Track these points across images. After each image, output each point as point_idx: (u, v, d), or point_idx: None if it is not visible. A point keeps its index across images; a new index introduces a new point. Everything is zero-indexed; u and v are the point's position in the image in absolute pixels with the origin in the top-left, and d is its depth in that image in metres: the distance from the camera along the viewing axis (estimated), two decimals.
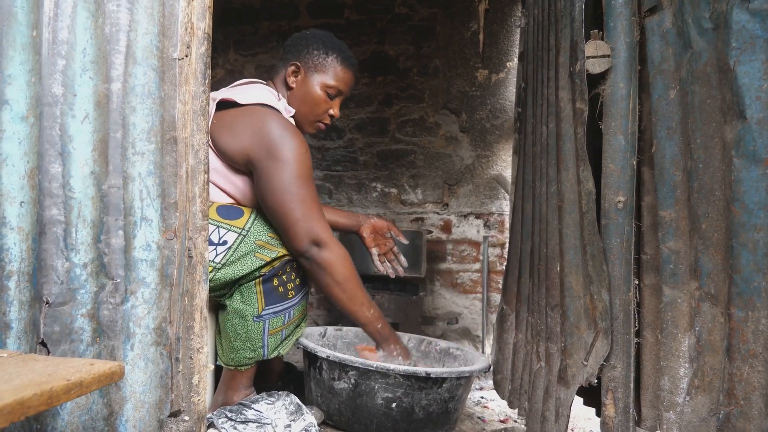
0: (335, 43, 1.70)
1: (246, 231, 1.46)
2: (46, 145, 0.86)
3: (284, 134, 1.46)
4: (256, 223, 1.48)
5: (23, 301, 0.85)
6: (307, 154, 1.49)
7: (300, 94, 1.67)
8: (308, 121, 1.69)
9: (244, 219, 1.48)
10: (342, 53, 1.68)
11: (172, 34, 0.95)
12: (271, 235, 1.48)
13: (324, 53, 1.67)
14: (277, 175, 1.44)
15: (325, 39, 1.69)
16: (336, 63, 1.67)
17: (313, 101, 1.67)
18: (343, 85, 1.68)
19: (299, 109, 1.67)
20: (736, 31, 0.90)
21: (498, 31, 2.83)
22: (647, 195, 1.10)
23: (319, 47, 1.67)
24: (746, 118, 0.88)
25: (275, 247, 1.46)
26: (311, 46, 1.68)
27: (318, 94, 1.66)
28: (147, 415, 0.91)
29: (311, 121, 1.70)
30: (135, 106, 0.91)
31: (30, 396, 0.54)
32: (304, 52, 1.68)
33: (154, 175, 0.92)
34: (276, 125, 1.47)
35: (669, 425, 1.03)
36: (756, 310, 0.88)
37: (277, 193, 1.43)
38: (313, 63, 1.67)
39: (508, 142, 2.80)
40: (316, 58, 1.67)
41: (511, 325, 1.57)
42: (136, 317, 0.90)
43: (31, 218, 0.85)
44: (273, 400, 1.43)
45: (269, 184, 1.44)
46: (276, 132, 1.46)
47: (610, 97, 1.11)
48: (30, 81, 0.86)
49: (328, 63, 1.67)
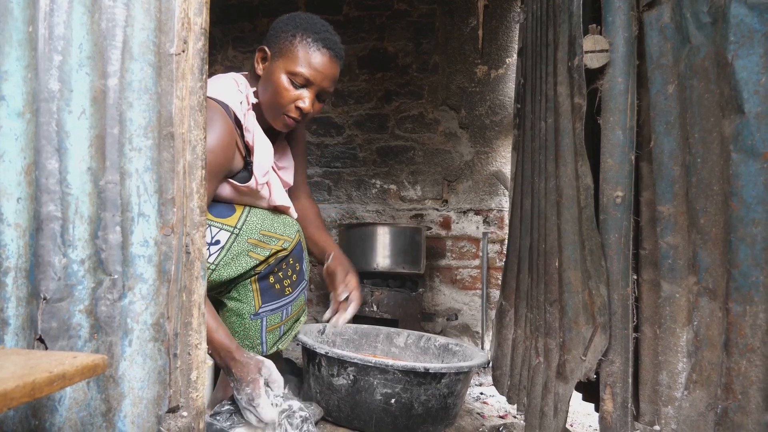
0: (311, 25, 1.44)
1: (238, 229, 1.41)
2: (43, 141, 0.86)
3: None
4: (248, 221, 1.43)
5: (20, 298, 0.85)
6: (212, 154, 1.28)
7: (265, 82, 1.45)
8: (272, 114, 1.46)
9: (235, 216, 1.43)
10: (315, 34, 1.42)
11: (168, 29, 0.94)
12: (263, 233, 1.44)
13: (291, 35, 1.42)
14: None
15: (300, 20, 1.45)
16: (304, 46, 1.40)
17: (275, 89, 1.42)
18: (312, 72, 1.40)
19: (263, 100, 1.47)
20: (734, 25, 0.89)
21: (497, 27, 2.83)
22: (646, 190, 1.10)
23: (289, 28, 1.43)
24: (744, 113, 0.88)
25: (268, 245, 1.44)
26: (281, 29, 1.45)
27: (280, 81, 1.41)
28: (145, 411, 0.91)
29: (275, 115, 1.46)
30: (132, 101, 0.91)
31: (12, 388, 0.55)
32: (274, 35, 1.46)
33: (151, 171, 0.92)
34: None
35: (667, 420, 1.03)
36: (754, 305, 0.88)
37: None
38: (278, 47, 1.43)
39: (507, 138, 2.80)
40: (283, 41, 1.42)
41: (510, 320, 1.57)
42: (134, 313, 0.90)
43: (28, 214, 0.85)
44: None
45: None
46: None
47: (608, 92, 1.11)
48: (26, 77, 0.86)
49: (294, 46, 1.41)
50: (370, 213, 2.99)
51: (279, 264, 1.45)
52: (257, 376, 1.20)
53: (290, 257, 1.48)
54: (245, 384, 1.20)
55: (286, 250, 1.46)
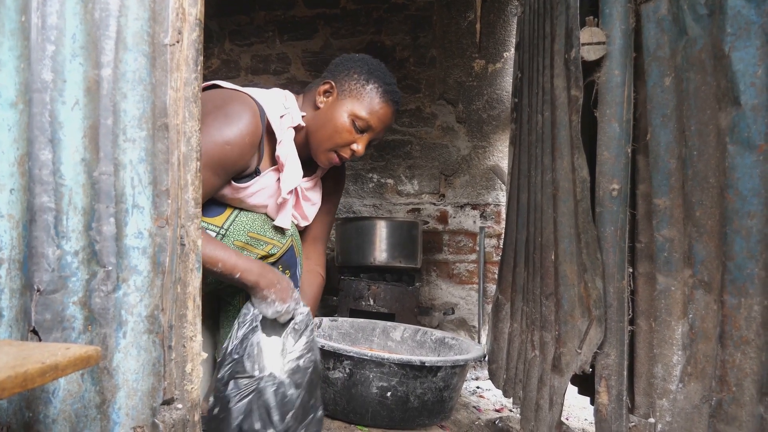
0: (382, 74, 1.50)
1: (224, 230, 1.36)
2: (36, 132, 0.85)
3: (224, 111, 1.28)
4: (236, 222, 1.38)
5: (14, 289, 0.85)
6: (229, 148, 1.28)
7: (324, 117, 1.48)
8: (324, 148, 1.48)
9: (223, 217, 1.38)
10: (386, 86, 1.49)
11: (162, 19, 0.93)
12: (251, 235, 1.38)
13: (365, 80, 1.48)
14: None
15: (372, 66, 1.51)
16: (375, 94, 1.47)
17: (335, 128, 1.46)
18: (375, 121, 1.47)
19: (318, 133, 1.48)
20: (731, 16, 0.89)
21: (495, 21, 2.82)
22: (642, 183, 1.10)
23: (362, 72, 1.49)
24: (741, 105, 0.87)
25: (255, 248, 1.38)
26: (353, 69, 1.50)
27: (343, 121, 1.45)
28: (140, 403, 0.91)
29: (326, 149, 1.48)
30: (126, 92, 0.91)
31: (4, 378, 0.54)
32: (344, 73, 1.50)
33: (145, 162, 0.92)
34: (230, 106, 1.30)
35: (662, 412, 1.03)
36: (749, 297, 0.88)
37: None
38: (349, 87, 1.48)
39: (504, 132, 2.80)
40: (355, 82, 1.48)
41: (506, 314, 1.58)
42: (128, 305, 0.90)
43: (21, 205, 0.85)
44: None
45: None
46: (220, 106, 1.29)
47: (605, 85, 1.11)
48: (19, 67, 0.85)
49: (365, 91, 1.47)
50: (367, 207, 2.99)
51: None
52: (291, 300, 1.32)
53: (279, 264, 1.42)
54: (280, 302, 1.29)
55: (274, 256, 1.41)
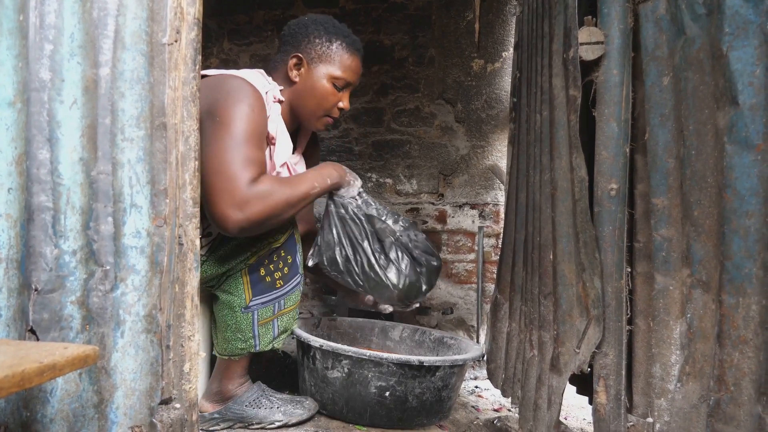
0: (338, 28, 1.56)
1: None
2: (34, 131, 0.85)
3: (232, 92, 1.32)
4: None
5: (12, 289, 0.85)
6: (255, 113, 1.33)
7: (305, 89, 1.55)
8: (316, 116, 1.57)
9: None
10: (346, 38, 1.55)
11: (161, 18, 0.93)
12: None
13: (327, 41, 1.53)
14: (211, 135, 1.28)
15: (327, 24, 1.56)
16: (342, 50, 1.54)
17: (320, 95, 1.54)
18: (351, 75, 1.56)
19: (305, 104, 1.56)
20: (729, 16, 0.89)
21: (494, 21, 2.82)
22: (640, 182, 1.10)
23: (321, 34, 1.54)
24: (739, 104, 0.87)
25: (260, 236, 1.43)
26: (312, 34, 1.54)
27: (325, 86, 1.54)
28: (138, 403, 0.91)
29: (319, 116, 1.57)
30: (124, 91, 0.90)
31: (1, 378, 0.55)
32: (305, 41, 1.54)
33: (143, 161, 0.92)
34: (230, 85, 1.34)
35: (660, 412, 1.03)
36: (747, 296, 0.88)
37: (205, 156, 1.26)
38: (316, 53, 1.54)
39: (503, 132, 2.80)
40: (319, 47, 1.53)
41: (504, 314, 1.58)
42: (126, 304, 0.90)
43: (19, 205, 0.85)
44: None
45: (205, 150, 1.26)
46: (225, 89, 1.33)
47: (603, 84, 1.11)
48: (17, 66, 0.85)
49: (332, 51, 1.53)
50: None
51: (270, 256, 1.44)
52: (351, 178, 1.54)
53: (282, 249, 1.46)
54: (353, 178, 1.54)
55: (279, 242, 1.45)
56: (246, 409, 1.48)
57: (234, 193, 1.25)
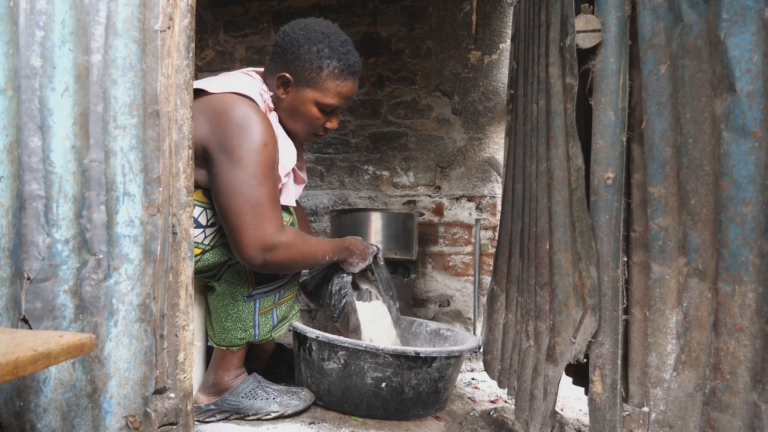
0: (333, 49, 1.44)
1: None
2: (25, 119, 0.84)
3: (243, 124, 1.30)
4: None
5: (4, 278, 0.84)
6: (269, 147, 1.32)
7: (291, 108, 1.49)
8: (302, 136, 1.56)
9: None
10: (340, 62, 1.44)
11: (153, 5, 0.92)
12: None
13: (318, 67, 1.43)
14: (229, 173, 1.29)
15: (321, 43, 1.43)
16: (332, 77, 1.44)
17: (306, 119, 1.50)
18: (341, 100, 1.49)
19: (292, 123, 1.52)
20: (726, 2, 0.89)
21: (491, 12, 2.81)
22: (637, 171, 1.10)
23: (313, 58, 1.43)
24: (736, 91, 0.87)
25: None
26: (303, 56, 1.43)
27: (311, 111, 1.48)
28: (132, 392, 0.90)
29: (302, 135, 1.55)
30: (116, 79, 0.90)
31: None
32: (295, 62, 1.44)
33: (136, 149, 0.91)
34: (237, 113, 1.31)
35: (656, 401, 1.03)
36: (743, 285, 0.87)
37: (227, 195, 1.29)
38: (304, 77, 1.44)
39: (500, 124, 2.79)
40: (308, 71, 1.44)
41: (501, 305, 1.57)
42: (120, 294, 0.89)
43: (10, 193, 0.84)
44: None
45: (220, 183, 1.29)
46: (235, 121, 1.30)
47: (600, 73, 1.10)
48: (7, 53, 0.84)
49: (322, 78, 1.44)
50: (363, 199, 2.98)
51: None
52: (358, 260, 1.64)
53: None
54: (361, 261, 1.64)
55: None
56: (242, 400, 1.48)
57: (264, 237, 1.30)
